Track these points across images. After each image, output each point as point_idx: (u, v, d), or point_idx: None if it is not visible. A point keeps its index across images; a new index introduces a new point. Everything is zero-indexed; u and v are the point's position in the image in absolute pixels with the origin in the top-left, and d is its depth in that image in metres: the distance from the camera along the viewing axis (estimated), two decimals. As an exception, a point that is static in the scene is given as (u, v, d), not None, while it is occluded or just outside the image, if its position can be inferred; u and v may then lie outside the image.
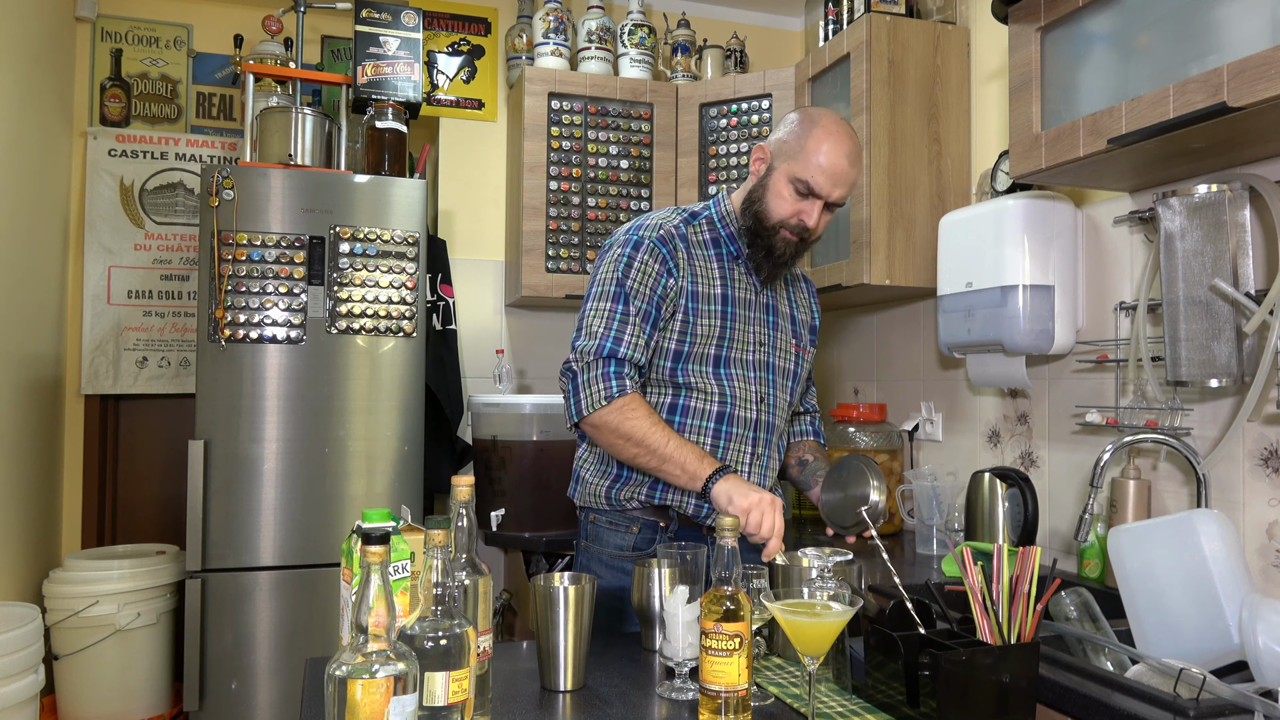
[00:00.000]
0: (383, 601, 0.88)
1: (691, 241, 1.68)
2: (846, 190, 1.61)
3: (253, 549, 2.46)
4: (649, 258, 1.62)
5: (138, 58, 3.19)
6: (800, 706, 1.21)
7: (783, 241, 1.64)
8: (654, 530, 1.68)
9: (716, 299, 1.67)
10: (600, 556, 1.71)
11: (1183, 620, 1.44)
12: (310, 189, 2.54)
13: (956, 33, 2.48)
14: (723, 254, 1.71)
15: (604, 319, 1.60)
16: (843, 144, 1.59)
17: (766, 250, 1.66)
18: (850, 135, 1.61)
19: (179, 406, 3.20)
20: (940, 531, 2.21)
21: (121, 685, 2.68)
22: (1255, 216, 1.64)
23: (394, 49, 2.82)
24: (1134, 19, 1.57)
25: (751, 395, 1.69)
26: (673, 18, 3.32)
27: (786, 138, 1.63)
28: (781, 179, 1.61)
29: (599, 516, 1.73)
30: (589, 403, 1.56)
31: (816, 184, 1.58)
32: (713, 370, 1.66)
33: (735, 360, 1.68)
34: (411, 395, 2.61)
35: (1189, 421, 1.78)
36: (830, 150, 1.57)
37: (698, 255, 1.68)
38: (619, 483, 1.68)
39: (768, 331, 1.73)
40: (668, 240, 1.65)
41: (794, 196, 1.61)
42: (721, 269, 1.70)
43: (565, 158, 2.91)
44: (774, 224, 1.63)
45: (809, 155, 1.58)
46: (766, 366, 1.72)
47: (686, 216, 1.72)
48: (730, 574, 1.12)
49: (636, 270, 1.62)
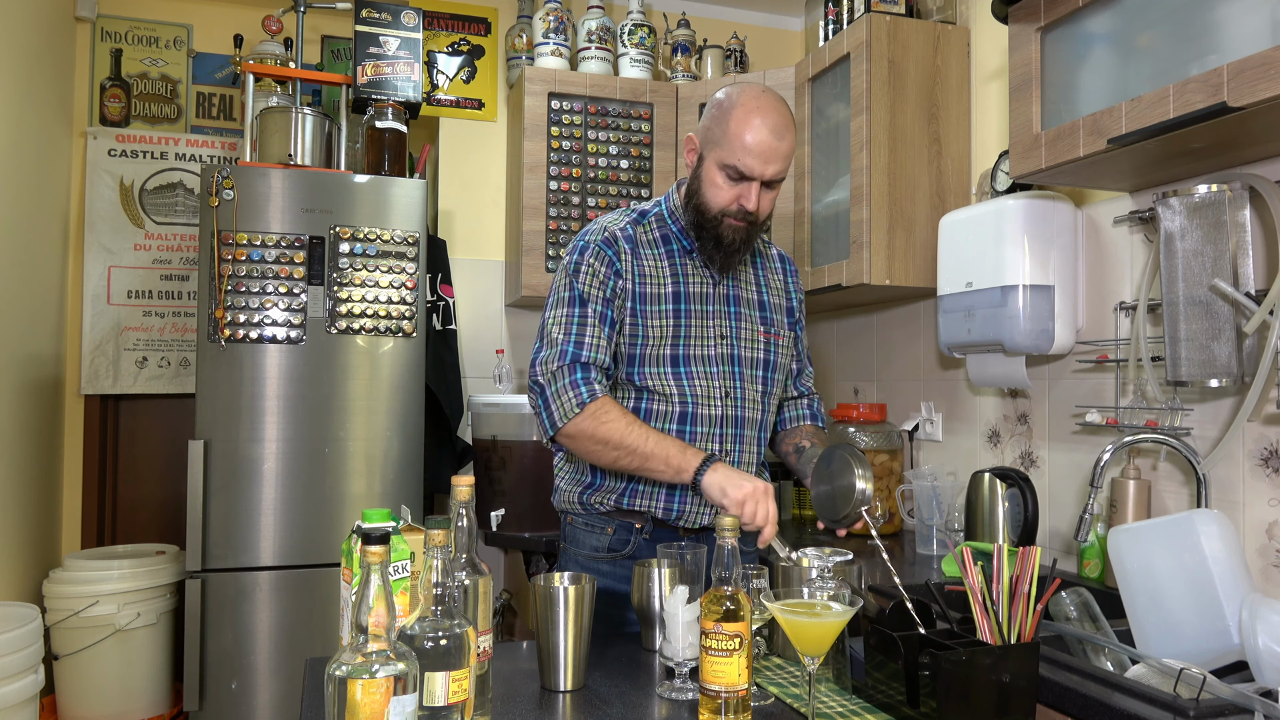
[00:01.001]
0: (383, 601, 0.88)
1: (640, 241, 1.66)
2: (781, 165, 1.56)
3: (253, 549, 2.46)
4: (595, 260, 1.61)
5: (138, 58, 3.19)
6: (800, 706, 1.21)
7: (730, 229, 1.60)
8: (629, 531, 1.67)
9: (667, 298, 1.64)
10: (577, 558, 1.71)
11: (1183, 620, 1.44)
12: (310, 189, 2.54)
13: (956, 33, 2.48)
14: (674, 250, 1.68)
15: (562, 325, 1.59)
16: (767, 118, 1.54)
17: (715, 240, 1.62)
18: (774, 107, 1.56)
19: (179, 406, 3.20)
20: (940, 531, 2.21)
21: (121, 685, 2.68)
22: (1255, 216, 1.64)
23: (394, 49, 2.82)
24: (1134, 19, 1.57)
25: (715, 391, 1.66)
26: (673, 18, 3.32)
27: (710, 123, 1.59)
28: (712, 167, 1.58)
29: (575, 519, 1.73)
30: (560, 414, 1.54)
31: (746, 166, 1.54)
32: (670, 371, 1.64)
33: (694, 358, 1.65)
34: (411, 395, 2.61)
35: (1189, 421, 1.78)
36: (755, 127, 1.53)
37: (646, 255, 1.66)
38: (590, 489, 1.68)
39: (729, 323, 1.69)
40: (612, 242, 1.63)
41: (728, 183, 1.57)
42: (673, 265, 1.67)
43: (565, 158, 2.91)
44: (715, 214, 1.60)
45: (733, 139, 1.54)
46: (730, 359, 1.68)
47: (635, 217, 1.70)
48: (730, 574, 1.12)
49: (585, 273, 1.61)
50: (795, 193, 2.73)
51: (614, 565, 1.66)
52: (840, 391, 3.07)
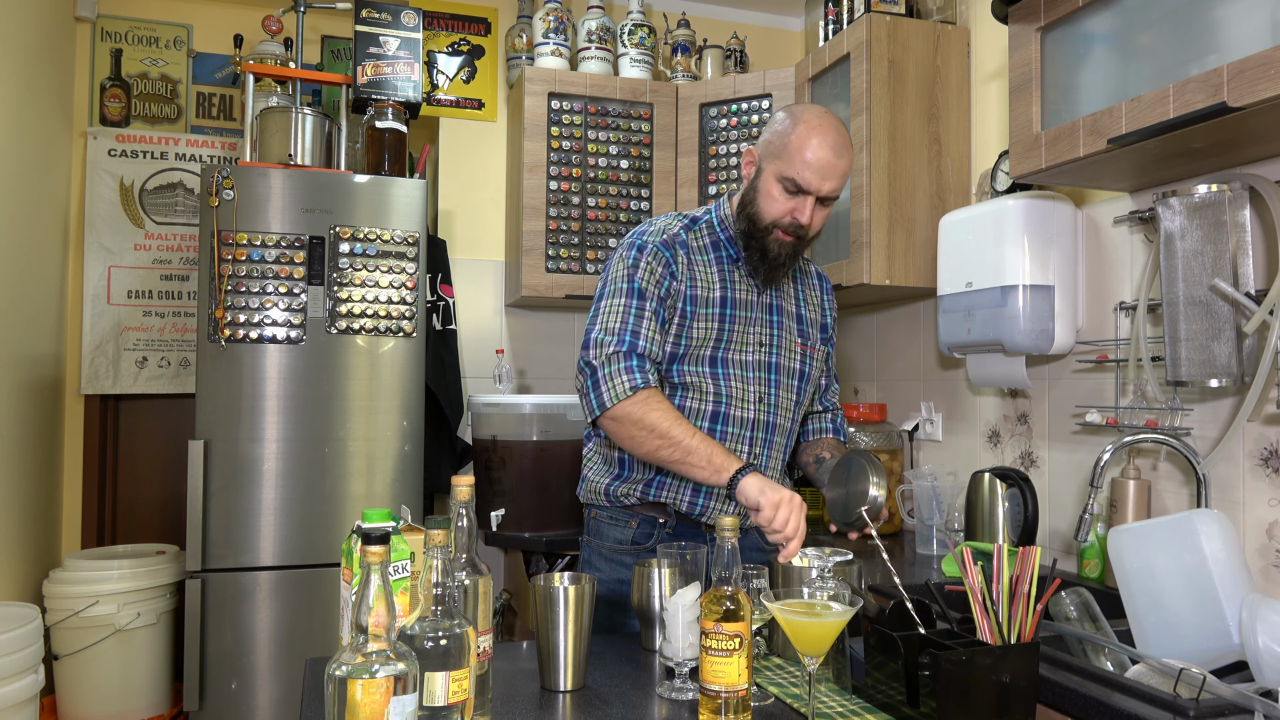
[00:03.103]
0: (383, 601, 0.88)
1: (692, 247, 1.71)
2: (837, 183, 1.61)
3: (253, 549, 2.46)
4: (653, 260, 1.65)
5: (138, 58, 3.19)
6: (800, 706, 1.21)
7: (776, 242, 1.65)
8: (652, 525, 1.70)
9: (715, 302, 1.69)
10: (600, 550, 1.76)
11: (1183, 620, 1.44)
12: (310, 189, 2.54)
13: (956, 33, 2.48)
14: (723, 257, 1.72)
15: (619, 315, 1.62)
16: (827, 137, 1.59)
17: (761, 252, 1.66)
18: (835, 127, 1.61)
19: (179, 406, 3.20)
20: (940, 531, 2.21)
21: (121, 685, 2.68)
22: (1255, 216, 1.64)
23: (394, 49, 2.82)
24: (1134, 19, 1.57)
25: (750, 395, 1.70)
26: (673, 18, 3.32)
27: (772, 138, 1.64)
28: (770, 179, 1.62)
29: (600, 512, 1.77)
30: (611, 395, 1.56)
31: (804, 180, 1.58)
32: (709, 370, 1.68)
33: (732, 360, 1.69)
34: (411, 395, 2.61)
35: (1189, 421, 1.78)
36: (815, 145, 1.58)
37: (698, 260, 1.70)
38: (618, 480, 1.72)
39: (771, 331, 1.74)
40: (669, 245, 1.68)
41: (784, 195, 1.61)
42: (722, 272, 1.71)
43: (565, 158, 2.91)
44: (767, 225, 1.64)
45: (794, 152, 1.59)
46: (768, 366, 1.72)
47: (687, 222, 1.74)
48: (730, 574, 1.12)
49: (644, 270, 1.65)
50: (795, 193, 2.73)
51: (637, 558, 1.67)
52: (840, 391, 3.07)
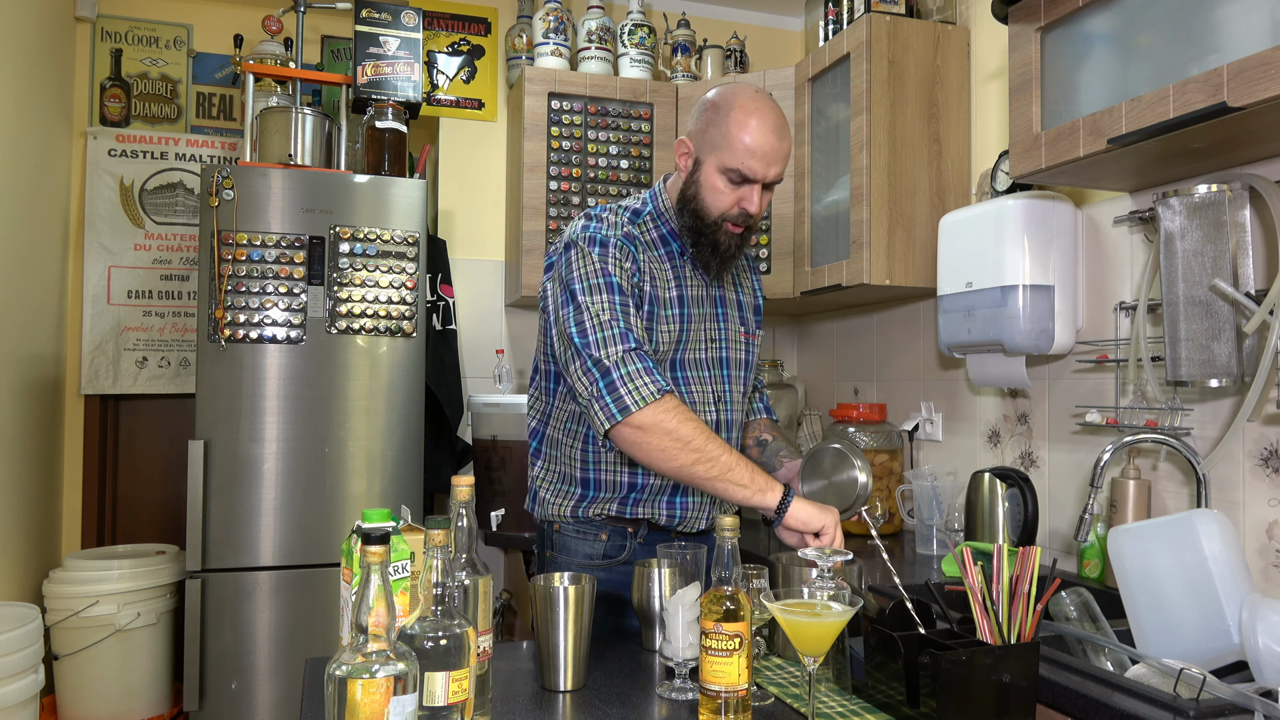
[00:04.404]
0: (383, 601, 0.88)
1: (641, 242, 1.60)
2: (783, 165, 1.53)
3: (253, 549, 2.46)
4: (619, 254, 1.53)
5: (138, 58, 3.19)
6: (800, 706, 1.21)
7: (726, 235, 1.56)
8: (623, 537, 1.63)
9: (674, 302, 1.60)
10: (569, 566, 1.64)
11: (1183, 620, 1.44)
12: (310, 189, 2.54)
13: (956, 33, 2.48)
14: (673, 252, 1.63)
15: (610, 310, 1.46)
16: (766, 120, 1.50)
17: (713, 247, 1.57)
18: (770, 107, 1.53)
19: (179, 406, 3.20)
20: (940, 531, 2.21)
21: (121, 685, 2.68)
22: (1255, 216, 1.64)
23: (394, 49, 2.82)
24: (1134, 19, 1.57)
25: (709, 396, 1.64)
26: (673, 18, 3.32)
27: (706, 127, 1.53)
28: (712, 172, 1.52)
29: (564, 526, 1.66)
30: (635, 398, 1.39)
31: (749, 169, 1.50)
32: (672, 375, 1.61)
33: (690, 362, 1.63)
34: (411, 395, 2.61)
35: (1189, 421, 1.78)
36: (755, 130, 1.49)
37: (651, 256, 1.60)
38: (584, 502, 1.62)
39: (719, 325, 1.67)
40: (629, 241, 1.57)
41: (729, 187, 1.52)
42: (675, 269, 1.63)
43: (565, 158, 2.91)
44: (715, 219, 1.55)
45: (733, 141, 1.49)
46: (721, 362, 1.66)
47: (630, 215, 1.63)
48: (730, 574, 1.12)
49: (614, 264, 1.52)
50: (795, 193, 2.73)
51: (609, 573, 1.62)
52: (840, 391, 3.07)
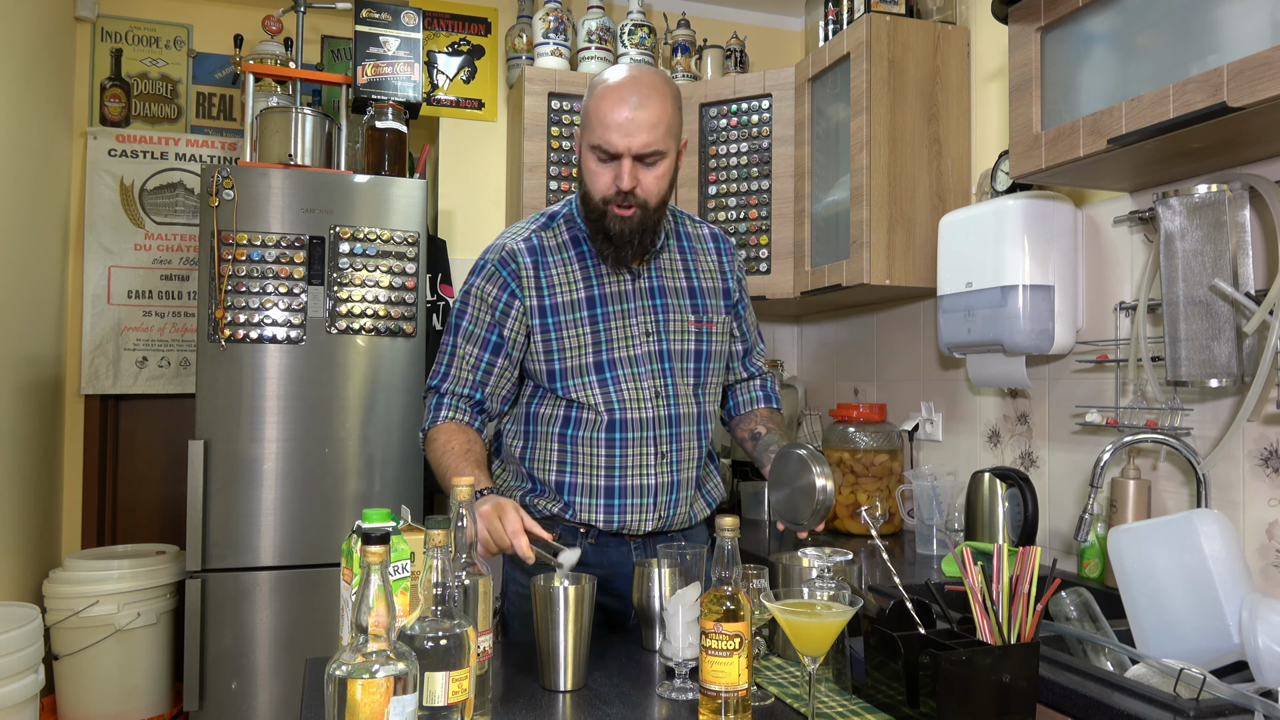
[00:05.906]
0: (383, 601, 0.88)
1: (548, 248, 1.62)
2: (648, 135, 1.49)
3: (253, 549, 2.46)
4: (486, 283, 1.62)
5: (138, 58, 3.19)
6: (800, 706, 1.21)
7: (616, 219, 1.54)
8: (574, 535, 1.62)
9: (580, 304, 1.60)
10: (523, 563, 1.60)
11: (1183, 620, 1.44)
12: (310, 189, 2.54)
13: (956, 33, 2.48)
14: (585, 252, 1.63)
15: (442, 353, 1.67)
16: (622, 91, 1.49)
17: (605, 234, 1.56)
18: (633, 80, 1.50)
19: (179, 406, 3.20)
20: (940, 531, 2.21)
21: (121, 685, 2.68)
22: (1255, 216, 1.64)
23: (394, 49, 2.82)
24: (1134, 19, 1.57)
25: (645, 393, 1.61)
26: (673, 18, 3.32)
27: (580, 113, 1.58)
28: (586, 154, 1.54)
29: None
30: (426, 423, 1.66)
31: (609, 143, 1.49)
32: (595, 379, 1.59)
33: (619, 360, 1.60)
34: (411, 395, 2.61)
35: (1189, 421, 1.78)
36: (611, 102, 1.48)
37: (554, 261, 1.62)
38: (530, 494, 1.66)
39: (654, 317, 1.64)
40: (509, 261, 1.60)
41: (600, 166, 1.52)
42: (585, 269, 1.62)
43: (565, 158, 2.91)
44: (598, 203, 1.55)
45: (592, 119, 1.50)
46: (659, 356, 1.63)
47: (544, 221, 1.66)
48: (730, 574, 1.12)
49: (475, 299, 1.63)
50: (795, 193, 2.73)
51: None
52: (840, 391, 3.07)
